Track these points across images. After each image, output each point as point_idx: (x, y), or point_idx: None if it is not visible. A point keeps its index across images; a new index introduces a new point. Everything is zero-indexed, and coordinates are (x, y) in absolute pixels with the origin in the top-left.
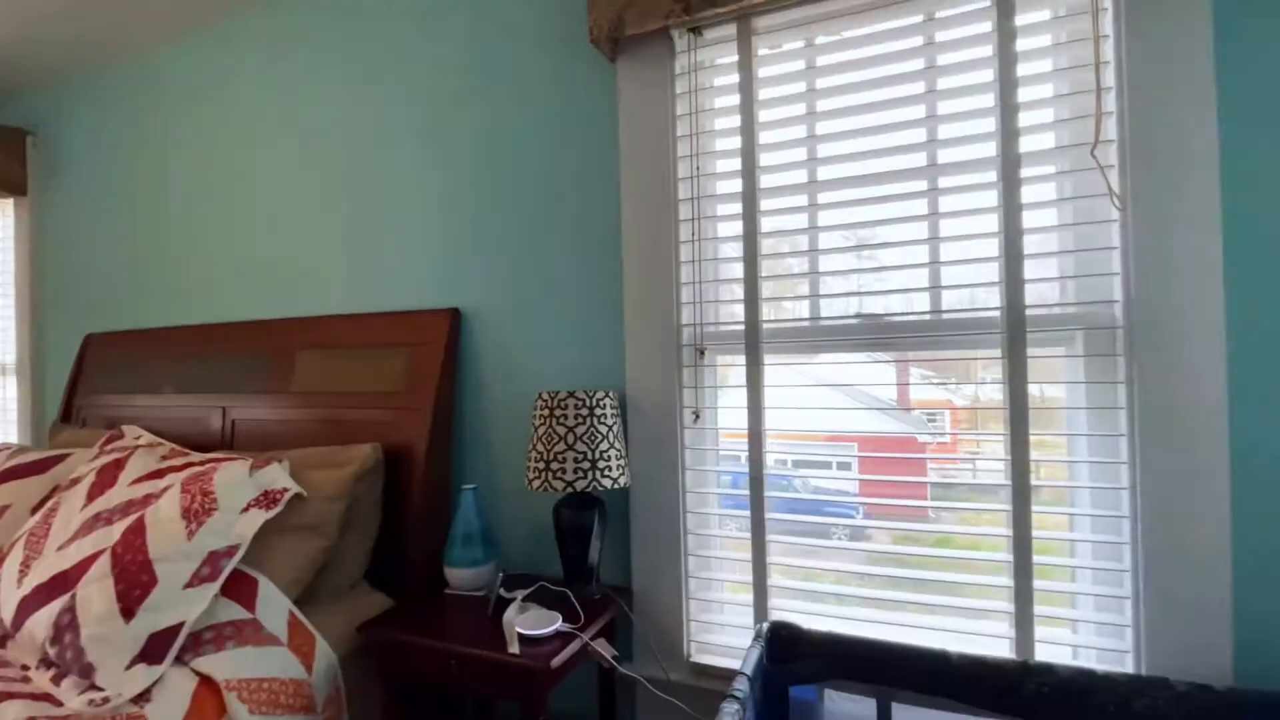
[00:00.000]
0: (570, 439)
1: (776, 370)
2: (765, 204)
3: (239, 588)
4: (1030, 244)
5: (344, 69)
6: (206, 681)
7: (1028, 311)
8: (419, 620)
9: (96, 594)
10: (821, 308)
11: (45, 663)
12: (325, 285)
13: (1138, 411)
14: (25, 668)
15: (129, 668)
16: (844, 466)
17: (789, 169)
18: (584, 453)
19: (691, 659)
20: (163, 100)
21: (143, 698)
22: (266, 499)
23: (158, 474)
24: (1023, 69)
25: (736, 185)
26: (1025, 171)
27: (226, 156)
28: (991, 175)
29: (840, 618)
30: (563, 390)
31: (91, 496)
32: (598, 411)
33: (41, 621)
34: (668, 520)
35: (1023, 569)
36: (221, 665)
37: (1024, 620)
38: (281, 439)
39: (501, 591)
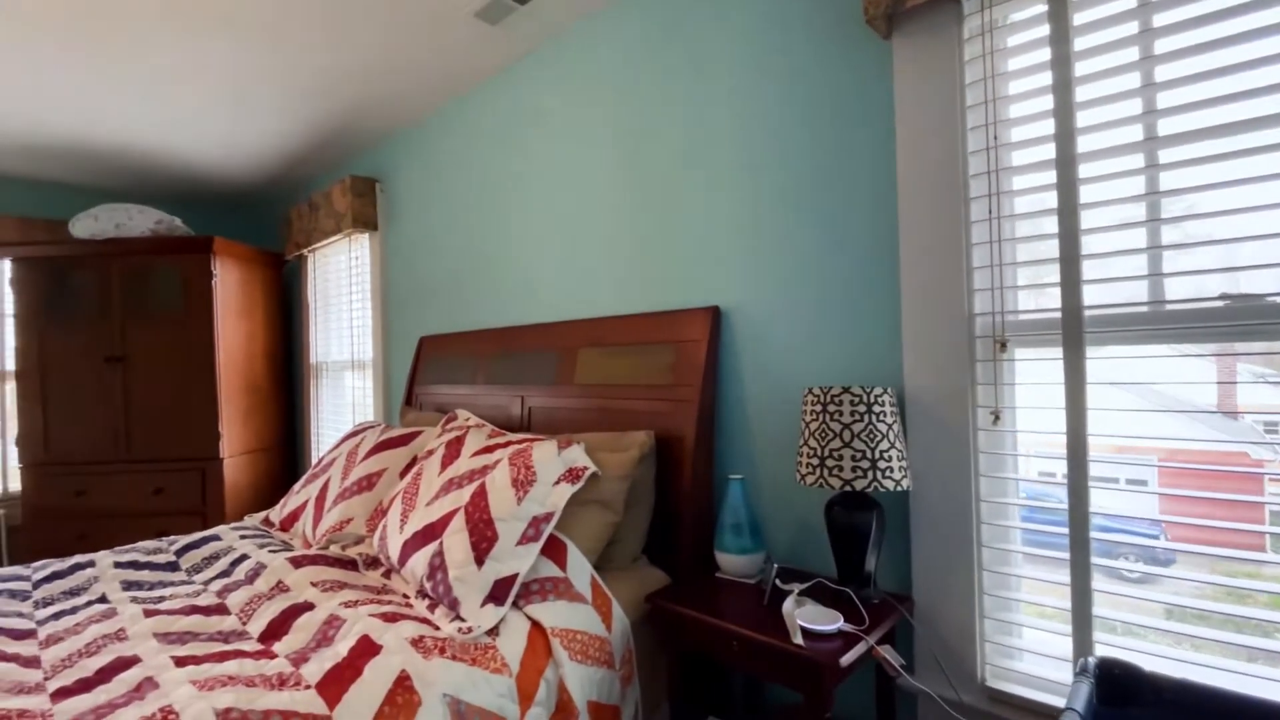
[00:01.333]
0: (847, 436)
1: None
2: (1085, 170)
3: (553, 550)
4: None
5: (616, 91)
6: (537, 625)
7: None
8: (697, 599)
9: (457, 544)
10: (1166, 289)
11: (421, 594)
12: (601, 290)
13: None
14: (405, 597)
15: (482, 606)
16: (1134, 483)
17: (1117, 126)
18: (862, 451)
19: (986, 683)
20: (468, 142)
21: (493, 632)
22: (571, 475)
23: (489, 449)
24: None
25: (1045, 152)
26: None
27: (519, 184)
28: None
29: (1171, 659)
30: (835, 386)
31: (444, 465)
32: (876, 409)
33: (420, 562)
34: (957, 530)
35: None
36: (546, 613)
37: None
38: (568, 424)
39: (777, 582)
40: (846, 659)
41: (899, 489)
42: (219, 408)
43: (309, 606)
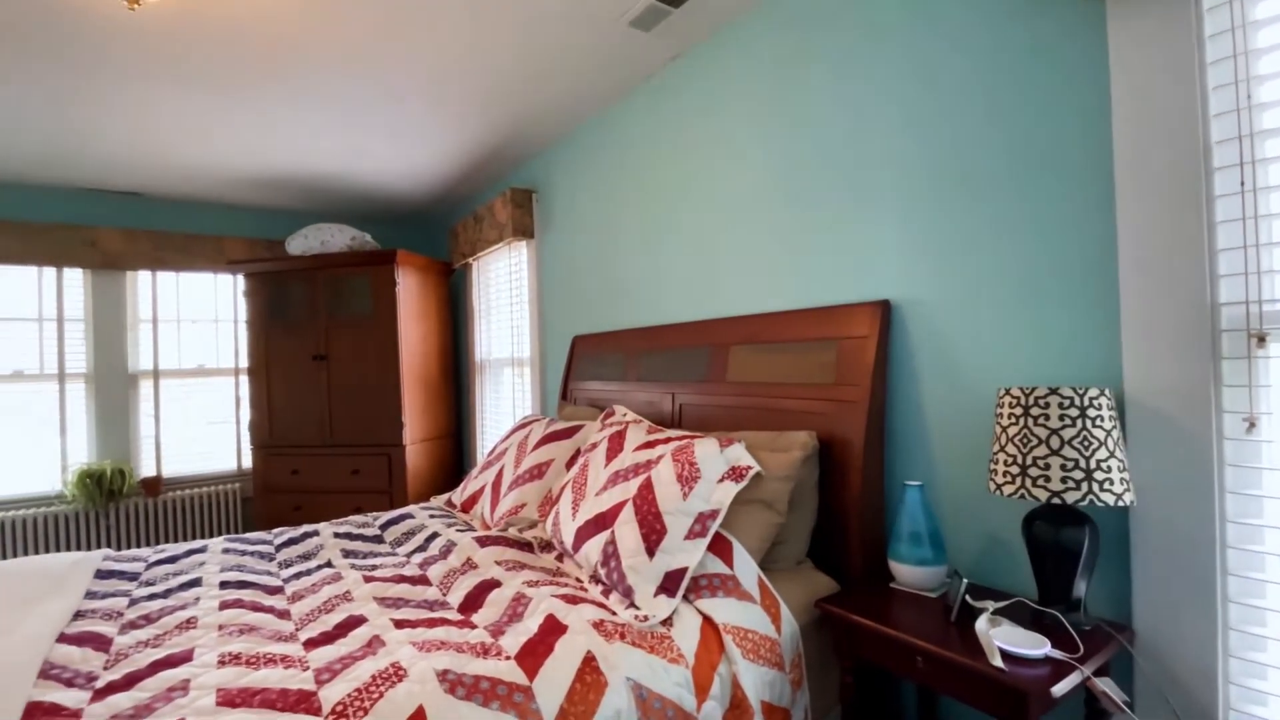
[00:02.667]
0: (1055, 443)
1: None
2: None
3: (719, 547)
4: None
5: (770, 85)
6: (709, 621)
7: None
8: (873, 609)
9: (628, 534)
10: None
11: (595, 579)
12: (756, 286)
13: None
14: (579, 581)
15: (655, 595)
16: None
17: None
18: (1074, 460)
19: None
20: (618, 147)
21: (667, 622)
22: (734, 473)
23: (650, 445)
24: None
25: None
26: None
27: (669, 184)
28: None
29: None
30: (1040, 386)
31: (609, 458)
32: (1090, 412)
33: (593, 549)
34: (1195, 554)
35: None
36: (717, 609)
37: None
38: (720, 422)
39: (967, 599)
40: (1059, 689)
41: (1119, 504)
42: (402, 400)
43: (497, 583)
